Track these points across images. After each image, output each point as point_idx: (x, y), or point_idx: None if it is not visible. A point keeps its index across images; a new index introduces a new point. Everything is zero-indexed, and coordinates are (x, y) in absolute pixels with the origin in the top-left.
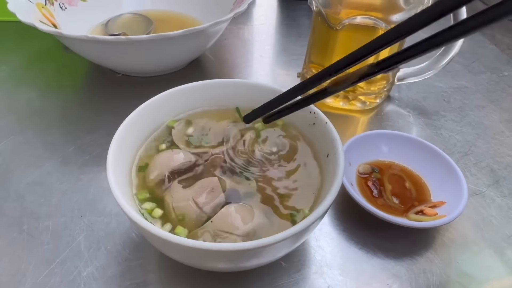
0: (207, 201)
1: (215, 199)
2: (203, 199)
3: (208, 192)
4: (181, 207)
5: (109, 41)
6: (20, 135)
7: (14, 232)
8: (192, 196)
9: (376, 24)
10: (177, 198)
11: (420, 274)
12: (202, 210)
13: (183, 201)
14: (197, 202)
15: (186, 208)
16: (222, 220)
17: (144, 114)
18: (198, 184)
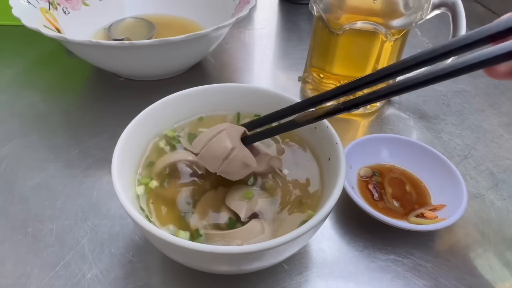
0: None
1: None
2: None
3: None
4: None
5: (112, 46)
6: (24, 139)
7: (19, 234)
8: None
9: (377, 29)
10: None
11: (421, 276)
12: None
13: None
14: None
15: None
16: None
17: (148, 118)
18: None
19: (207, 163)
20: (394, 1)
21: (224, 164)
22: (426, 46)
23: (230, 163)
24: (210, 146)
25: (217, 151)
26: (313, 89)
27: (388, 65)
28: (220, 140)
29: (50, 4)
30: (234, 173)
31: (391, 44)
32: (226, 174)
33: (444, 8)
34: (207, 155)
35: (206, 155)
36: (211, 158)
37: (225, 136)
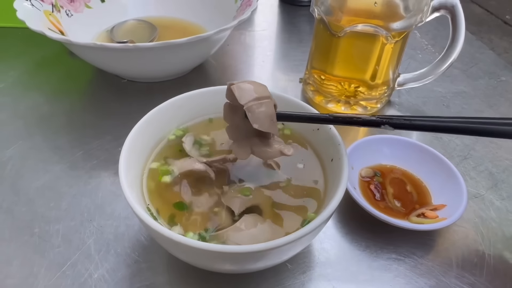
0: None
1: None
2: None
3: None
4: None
5: (116, 49)
6: (28, 140)
7: (25, 235)
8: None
9: (377, 32)
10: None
11: (422, 275)
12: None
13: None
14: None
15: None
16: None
17: (155, 119)
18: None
19: (240, 92)
20: (394, 4)
21: (255, 103)
22: (425, 47)
23: (260, 105)
24: (249, 83)
25: (256, 88)
26: (314, 90)
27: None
28: (261, 84)
29: (54, 7)
30: (257, 118)
31: (391, 46)
32: (250, 113)
33: (443, 11)
34: (243, 86)
35: (242, 86)
36: (246, 90)
37: (266, 86)
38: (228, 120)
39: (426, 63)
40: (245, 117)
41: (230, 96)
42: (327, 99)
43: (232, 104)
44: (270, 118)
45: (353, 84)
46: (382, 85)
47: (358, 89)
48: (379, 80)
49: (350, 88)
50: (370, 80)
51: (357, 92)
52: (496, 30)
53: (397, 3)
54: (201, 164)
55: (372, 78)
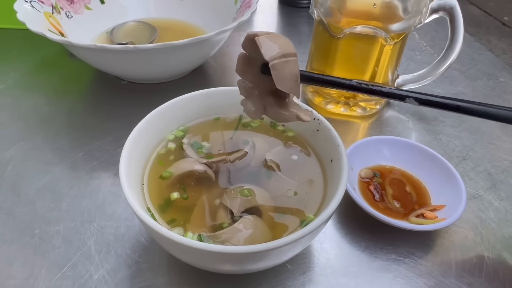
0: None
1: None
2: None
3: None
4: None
5: (117, 50)
6: (29, 142)
7: (26, 236)
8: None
9: (376, 33)
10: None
11: (422, 275)
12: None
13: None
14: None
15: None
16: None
17: (155, 120)
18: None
19: (266, 46)
20: (393, 6)
21: (281, 60)
22: (424, 49)
23: (286, 63)
24: (276, 37)
25: (282, 44)
26: (313, 91)
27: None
28: (286, 40)
29: (54, 8)
30: (281, 77)
31: (390, 48)
32: (275, 71)
33: (442, 12)
34: (268, 40)
35: (267, 40)
36: (273, 45)
37: (291, 42)
38: (241, 74)
39: (425, 65)
40: (262, 73)
41: (249, 48)
42: (326, 100)
43: (248, 56)
44: (295, 78)
45: None
46: None
47: None
48: (378, 81)
49: None
50: (369, 81)
51: (356, 93)
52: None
53: (396, 4)
54: (201, 165)
55: (371, 79)
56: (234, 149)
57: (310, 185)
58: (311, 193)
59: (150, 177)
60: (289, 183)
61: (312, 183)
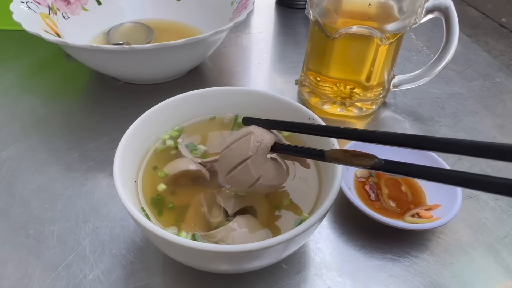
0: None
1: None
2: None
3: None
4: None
5: (112, 50)
6: (24, 142)
7: (20, 237)
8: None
9: (372, 33)
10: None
11: (417, 275)
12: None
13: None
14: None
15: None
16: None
17: (149, 120)
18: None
19: (222, 165)
20: (388, 6)
21: (250, 189)
22: (420, 49)
23: (256, 189)
24: (235, 174)
25: (243, 179)
26: (310, 92)
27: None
28: (246, 169)
29: (50, 9)
30: (240, 181)
31: (386, 48)
32: (232, 181)
33: (437, 13)
34: (232, 182)
35: (231, 182)
36: (239, 183)
37: (250, 165)
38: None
39: (422, 65)
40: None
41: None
42: (322, 101)
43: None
44: (269, 187)
45: (348, 85)
46: (377, 87)
47: (354, 90)
48: (374, 82)
49: (346, 89)
50: (365, 81)
51: (352, 94)
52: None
53: (391, 5)
54: (196, 165)
55: (367, 79)
56: None
57: (304, 184)
58: (305, 192)
59: (144, 177)
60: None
61: (306, 182)
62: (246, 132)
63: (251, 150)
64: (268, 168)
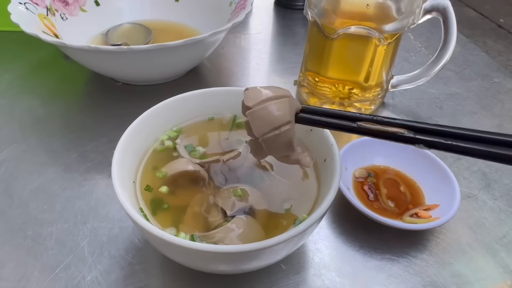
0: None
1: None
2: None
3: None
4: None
5: (111, 51)
6: (23, 143)
7: (18, 238)
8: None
9: (370, 34)
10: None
11: (416, 275)
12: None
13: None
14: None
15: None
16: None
17: (148, 120)
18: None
19: (255, 123)
20: (386, 6)
21: (271, 134)
22: (419, 50)
23: (278, 135)
24: (268, 107)
25: (272, 116)
26: (308, 92)
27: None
28: (279, 106)
29: (48, 10)
30: (274, 148)
31: (384, 48)
32: (267, 145)
33: (435, 13)
34: (259, 114)
35: (258, 114)
36: (262, 120)
37: (286, 104)
38: (249, 134)
39: (420, 65)
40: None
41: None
42: (321, 101)
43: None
44: (288, 146)
45: (347, 85)
46: (375, 87)
47: (352, 90)
48: (372, 82)
49: (344, 89)
50: (364, 81)
51: (351, 94)
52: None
53: (389, 5)
54: (195, 165)
55: (365, 79)
56: (227, 149)
57: (303, 184)
58: (304, 192)
59: (143, 177)
60: (282, 183)
61: (305, 182)
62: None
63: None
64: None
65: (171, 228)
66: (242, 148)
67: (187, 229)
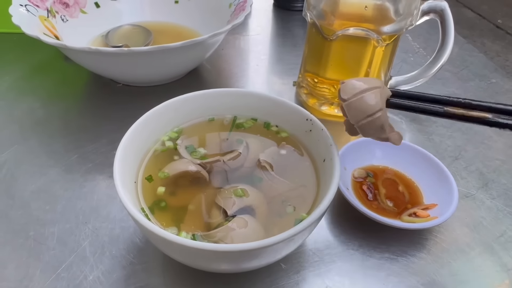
0: None
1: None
2: None
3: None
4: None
5: (111, 53)
6: (23, 145)
7: (20, 238)
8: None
9: (368, 35)
10: None
11: (414, 274)
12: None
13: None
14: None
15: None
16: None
17: (149, 121)
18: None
19: (351, 113)
20: (384, 8)
21: (365, 121)
22: (417, 51)
23: (371, 121)
24: (362, 98)
25: (365, 106)
26: (307, 93)
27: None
28: (372, 97)
29: (49, 12)
30: (369, 132)
31: (382, 49)
32: (362, 130)
33: (433, 14)
34: (354, 105)
35: (354, 105)
36: (357, 110)
37: (378, 94)
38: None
39: (418, 66)
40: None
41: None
42: (320, 102)
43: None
44: (380, 130)
45: None
46: None
47: None
48: None
49: None
50: None
51: None
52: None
53: (387, 6)
54: (195, 166)
55: None
56: (228, 149)
57: (303, 184)
58: (304, 192)
59: (144, 178)
60: (282, 183)
61: (305, 182)
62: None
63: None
64: (386, 110)
65: (172, 227)
66: (242, 149)
67: (188, 229)
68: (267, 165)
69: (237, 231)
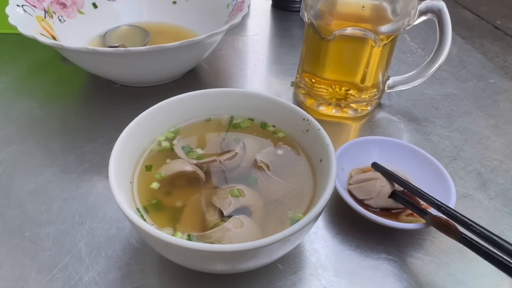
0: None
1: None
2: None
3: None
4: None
5: (108, 53)
6: (20, 145)
7: (16, 239)
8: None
9: (366, 35)
10: None
11: (412, 274)
12: None
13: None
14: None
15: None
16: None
17: (145, 121)
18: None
19: (354, 193)
20: (382, 8)
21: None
22: (415, 51)
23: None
24: (360, 186)
25: (363, 192)
26: (305, 93)
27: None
28: (369, 185)
29: (46, 13)
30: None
31: (380, 49)
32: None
33: (430, 14)
34: (356, 190)
35: (355, 190)
36: (357, 193)
37: (376, 183)
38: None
39: (416, 66)
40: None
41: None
42: (318, 102)
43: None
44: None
45: (343, 87)
46: (372, 88)
47: (349, 91)
48: (368, 83)
49: (341, 91)
50: (360, 82)
51: (347, 95)
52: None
53: (385, 6)
54: (192, 166)
55: (361, 80)
56: (224, 150)
57: (300, 184)
58: (301, 192)
59: (140, 178)
60: (279, 183)
61: (302, 182)
62: (374, 177)
63: (375, 192)
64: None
65: (168, 228)
66: (238, 149)
67: (184, 229)
68: (264, 165)
69: (233, 231)
